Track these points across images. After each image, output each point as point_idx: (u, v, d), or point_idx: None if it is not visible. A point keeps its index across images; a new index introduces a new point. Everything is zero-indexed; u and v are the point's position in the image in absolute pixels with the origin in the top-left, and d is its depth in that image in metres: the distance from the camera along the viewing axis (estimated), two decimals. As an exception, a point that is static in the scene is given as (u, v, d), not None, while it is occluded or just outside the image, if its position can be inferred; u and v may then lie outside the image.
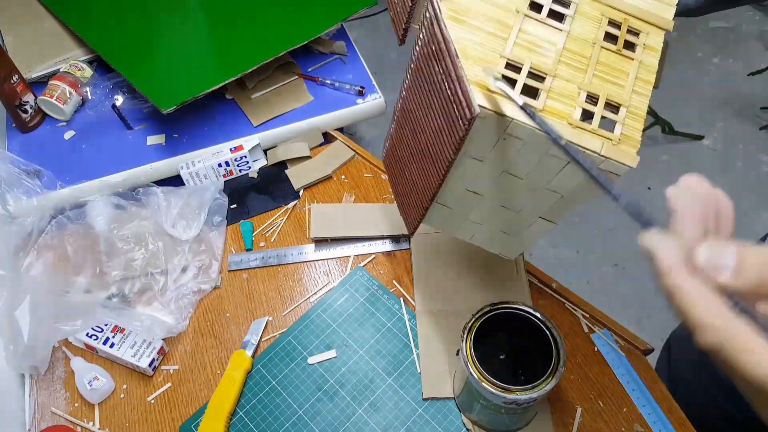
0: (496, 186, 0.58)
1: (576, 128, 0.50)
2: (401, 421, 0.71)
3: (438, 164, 0.55)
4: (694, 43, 2.33)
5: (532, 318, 0.63)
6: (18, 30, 1.13)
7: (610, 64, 0.53)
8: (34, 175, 0.90)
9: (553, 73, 0.52)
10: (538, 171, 0.55)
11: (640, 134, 0.51)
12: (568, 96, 0.51)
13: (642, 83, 0.53)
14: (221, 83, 0.94)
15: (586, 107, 0.51)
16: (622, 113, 0.52)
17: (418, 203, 0.64)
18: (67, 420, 0.74)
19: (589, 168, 0.40)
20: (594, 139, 0.50)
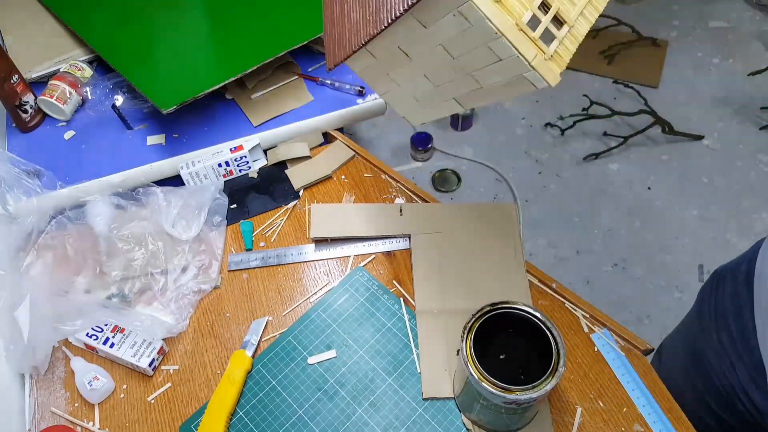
0: (427, 55, 0.59)
1: (520, 31, 0.51)
2: (401, 421, 0.71)
3: (383, 13, 0.55)
4: (694, 43, 2.33)
5: (532, 318, 0.63)
6: (18, 30, 1.13)
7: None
8: (34, 175, 0.90)
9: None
10: (471, 56, 0.56)
11: (570, 56, 0.53)
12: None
13: (592, 9, 0.54)
14: (221, 83, 0.94)
15: (536, 13, 0.52)
16: (563, 31, 0.53)
17: (346, 43, 0.63)
18: (67, 420, 0.74)
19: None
20: (530, 48, 0.51)
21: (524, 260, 0.82)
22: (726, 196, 1.88)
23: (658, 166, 1.98)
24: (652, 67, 2.23)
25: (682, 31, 2.37)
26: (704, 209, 1.85)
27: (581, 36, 0.54)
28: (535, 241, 1.81)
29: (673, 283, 1.70)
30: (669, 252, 1.77)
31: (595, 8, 0.55)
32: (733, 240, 1.76)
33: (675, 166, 1.98)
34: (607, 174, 1.98)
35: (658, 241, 1.80)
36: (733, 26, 2.39)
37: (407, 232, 0.86)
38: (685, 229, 1.81)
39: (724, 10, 2.45)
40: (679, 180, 1.94)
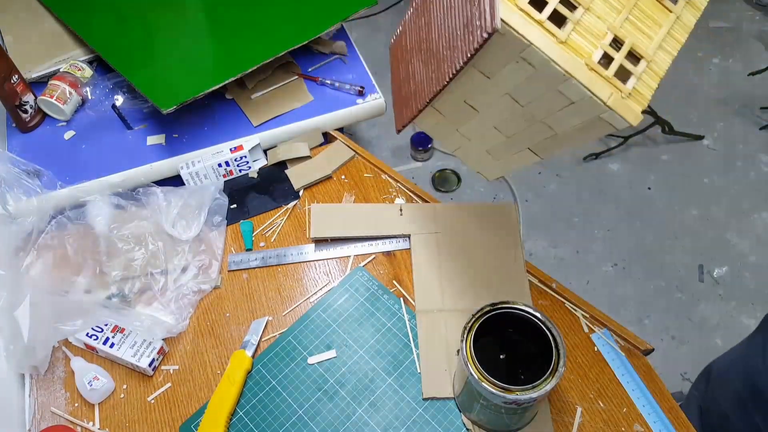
0: (494, 106, 0.57)
1: (591, 71, 0.49)
2: (401, 421, 0.71)
3: (445, 68, 0.54)
4: (694, 43, 2.33)
5: (532, 318, 0.63)
6: (18, 30, 1.13)
7: (647, 11, 0.51)
8: (34, 175, 0.90)
9: (587, 5, 0.50)
10: (540, 102, 0.54)
11: (652, 92, 0.50)
12: (594, 34, 0.50)
13: (672, 41, 0.52)
14: (221, 83, 0.94)
15: (608, 51, 0.50)
16: (641, 67, 0.50)
17: (413, 102, 0.62)
18: (67, 420, 0.74)
19: None
20: (605, 87, 0.48)
21: (524, 260, 0.82)
22: (726, 196, 1.87)
23: (658, 166, 1.98)
24: (652, 67, 2.23)
25: (682, 31, 2.37)
26: (704, 209, 1.85)
27: (663, 71, 0.51)
28: (535, 241, 1.81)
29: (673, 283, 1.70)
30: (669, 252, 1.77)
31: (676, 39, 0.52)
32: (733, 240, 1.76)
33: (675, 166, 1.98)
34: (607, 174, 1.98)
35: (658, 241, 1.80)
36: (733, 26, 2.39)
37: (407, 232, 0.86)
38: (685, 229, 1.81)
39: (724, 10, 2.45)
40: (679, 180, 1.94)
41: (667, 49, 0.52)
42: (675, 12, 0.52)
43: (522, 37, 0.48)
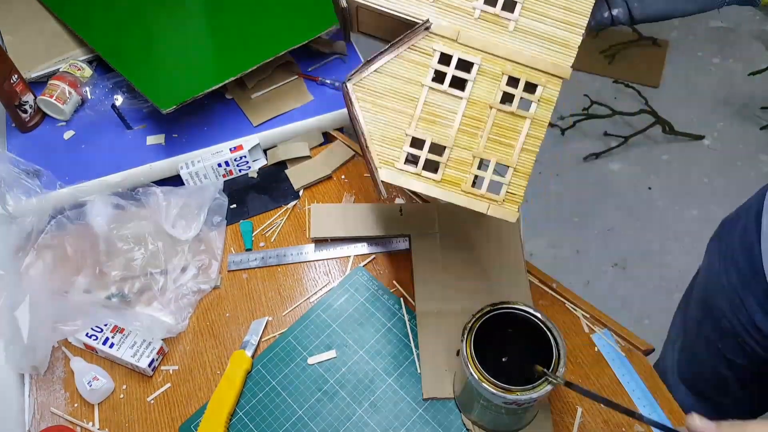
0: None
1: (467, 195, 0.58)
2: (401, 422, 0.71)
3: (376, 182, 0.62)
4: (694, 43, 2.33)
5: (532, 318, 0.63)
6: (18, 30, 1.13)
7: (505, 125, 0.58)
8: (33, 175, 0.90)
9: (451, 144, 0.58)
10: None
11: (524, 190, 0.59)
12: (463, 163, 0.58)
13: (532, 140, 0.59)
14: (221, 83, 0.94)
15: (477, 173, 0.58)
16: (509, 175, 0.59)
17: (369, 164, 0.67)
18: (66, 420, 0.74)
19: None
20: (481, 203, 0.58)
21: (524, 260, 0.82)
22: (726, 196, 1.87)
23: (659, 166, 1.98)
24: (652, 67, 2.23)
25: (682, 31, 2.37)
26: (704, 209, 1.85)
27: (529, 167, 0.59)
28: (535, 241, 1.81)
29: (673, 283, 1.70)
30: (669, 252, 1.77)
31: (536, 137, 0.58)
32: (733, 240, 1.76)
33: (675, 166, 1.98)
34: (608, 174, 1.98)
35: (658, 241, 1.80)
36: (733, 26, 2.39)
37: (407, 232, 0.86)
38: (685, 229, 1.81)
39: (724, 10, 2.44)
40: (679, 180, 1.94)
41: (528, 149, 0.59)
42: (529, 116, 0.58)
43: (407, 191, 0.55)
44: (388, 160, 0.58)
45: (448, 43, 0.57)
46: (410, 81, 0.58)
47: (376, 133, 0.58)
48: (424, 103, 0.58)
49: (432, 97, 0.58)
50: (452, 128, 0.58)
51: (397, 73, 0.58)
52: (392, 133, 0.58)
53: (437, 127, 0.58)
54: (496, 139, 0.58)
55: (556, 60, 0.57)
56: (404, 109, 0.58)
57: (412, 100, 0.58)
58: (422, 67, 0.57)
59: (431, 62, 0.57)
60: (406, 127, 0.58)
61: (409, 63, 0.57)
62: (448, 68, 0.57)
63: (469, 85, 0.58)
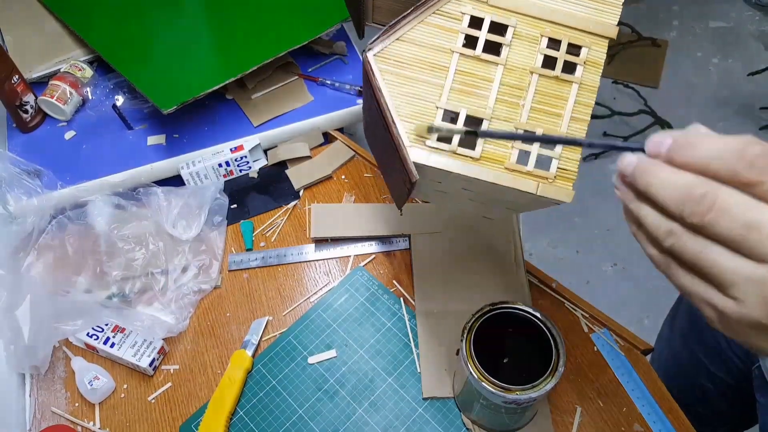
0: (458, 194, 0.61)
1: (512, 173, 0.52)
2: (401, 421, 0.71)
3: (403, 179, 0.56)
4: (694, 43, 2.33)
5: (532, 318, 0.63)
6: (18, 30, 1.13)
7: (549, 92, 0.53)
8: (34, 175, 0.90)
9: (489, 116, 0.52)
10: (490, 197, 0.58)
11: (577, 164, 0.52)
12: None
13: (582, 107, 0.53)
14: (221, 83, 0.94)
15: (522, 147, 0.52)
16: (558, 149, 0.52)
17: (399, 190, 0.64)
18: (67, 420, 0.74)
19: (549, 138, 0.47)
20: (529, 182, 0.51)
21: (524, 260, 0.82)
22: (726, 196, 1.87)
23: (658, 166, 1.98)
24: (652, 67, 2.23)
25: (682, 31, 2.37)
26: (704, 209, 1.85)
27: (581, 137, 0.52)
28: (535, 241, 1.81)
29: (673, 283, 1.70)
30: (669, 252, 1.77)
31: (585, 104, 0.53)
32: (733, 240, 1.76)
33: (675, 166, 1.97)
34: (607, 174, 1.97)
35: (658, 241, 1.80)
36: (733, 26, 2.39)
37: (407, 232, 0.86)
38: (685, 229, 1.81)
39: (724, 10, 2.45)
40: (679, 180, 1.94)
41: (578, 117, 0.53)
42: (575, 80, 0.53)
43: (441, 170, 0.51)
44: (419, 136, 0.52)
45: (478, 5, 0.52)
46: (438, 48, 0.52)
47: (403, 108, 0.52)
48: (455, 72, 0.52)
49: (464, 64, 0.52)
50: (489, 98, 0.52)
51: (423, 41, 0.52)
52: (421, 107, 0.52)
53: (472, 97, 0.52)
54: (541, 108, 0.52)
55: (599, 18, 0.52)
56: (433, 79, 0.52)
57: (442, 70, 0.52)
58: (450, 32, 0.52)
59: (460, 27, 0.52)
60: (436, 99, 0.52)
61: (436, 28, 0.52)
62: (480, 32, 0.52)
63: (505, 50, 0.52)
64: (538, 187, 0.51)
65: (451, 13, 0.52)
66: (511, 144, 0.52)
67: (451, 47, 0.52)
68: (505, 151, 0.52)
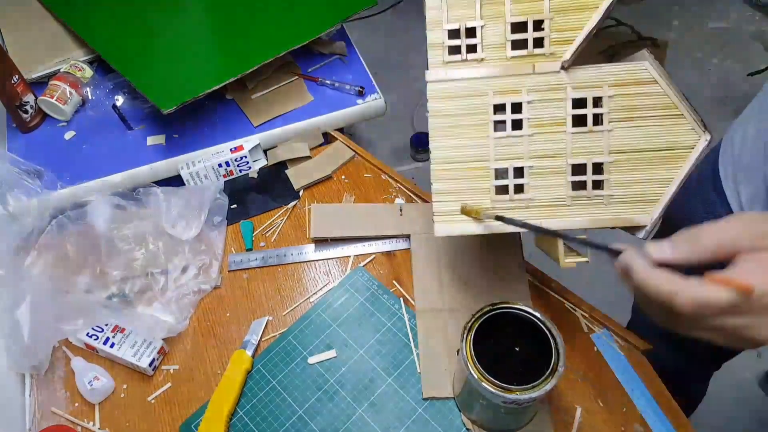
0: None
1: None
2: (401, 421, 0.71)
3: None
4: (693, 44, 2.33)
5: (532, 318, 0.63)
6: (18, 30, 1.13)
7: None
8: (34, 175, 0.90)
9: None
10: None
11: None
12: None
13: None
14: (221, 83, 0.94)
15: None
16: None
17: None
18: (67, 420, 0.74)
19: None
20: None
21: (524, 260, 0.82)
22: (726, 197, 1.87)
23: (658, 166, 1.98)
24: (651, 67, 2.23)
25: (682, 31, 2.37)
26: (704, 209, 1.85)
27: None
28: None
29: (673, 283, 1.70)
30: (669, 252, 1.77)
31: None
32: (732, 240, 1.76)
33: (675, 166, 1.97)
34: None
35: (658, 241, 1.80)
36: (733, 26, 2.39)
37: (407, 232, 0.86)
38: (684, 229, 1.81)
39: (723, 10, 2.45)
40: (679, 180, 1.94)
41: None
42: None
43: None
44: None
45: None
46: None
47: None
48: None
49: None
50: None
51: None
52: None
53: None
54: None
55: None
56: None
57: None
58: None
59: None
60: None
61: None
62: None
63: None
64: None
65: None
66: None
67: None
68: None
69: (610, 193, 0.60)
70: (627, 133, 0.59)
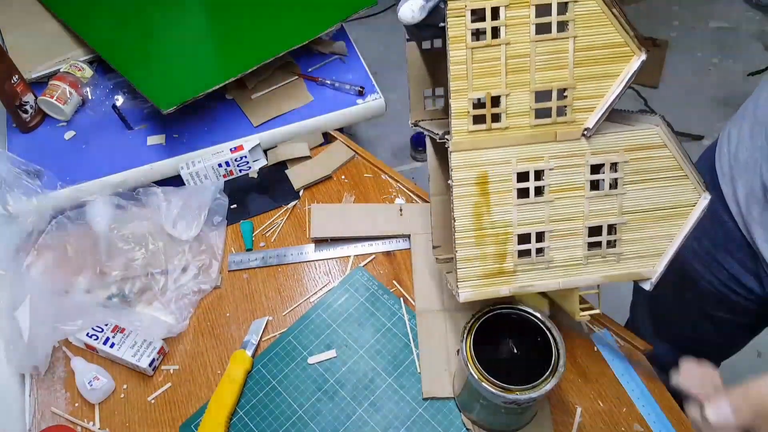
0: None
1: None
2: (401, 421, 0.71)
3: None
4: (694, 44, 2.33)
5: (532, 318, 0.63)
6: (18, 30, 1.13)
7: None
8: (34, 175, 0.90)
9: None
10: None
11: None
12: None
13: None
14: (221, 83, 0.94)
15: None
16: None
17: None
18: (67, 420, 0.74)
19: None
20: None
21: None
22: (726, 196, 1.87)
23: (658, 166, 1.98)
24: (652, 67, 2.23)
25: (682, 31, 2.37)
26: (704, 209, 1.85)
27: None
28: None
29: (673, 283, 1.70)
30: (669, 252, 1.77)
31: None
32: (733, 240, 1.76)
33: (675, 166, 1.97)
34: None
35: (658, 241, 1.80)
36: (733, 26, 2.39)
37: (407, 232, 0.86)
38: (685, 229, 1.81)
39: (724, 10, 2.45)
40: (679, 180, 1.94)
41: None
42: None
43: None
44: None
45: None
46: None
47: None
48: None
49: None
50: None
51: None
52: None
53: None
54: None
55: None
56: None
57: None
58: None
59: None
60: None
61: None
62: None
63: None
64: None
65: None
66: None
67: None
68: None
69: (621, 251, 0.62)
70: (638, 194, 0.61)
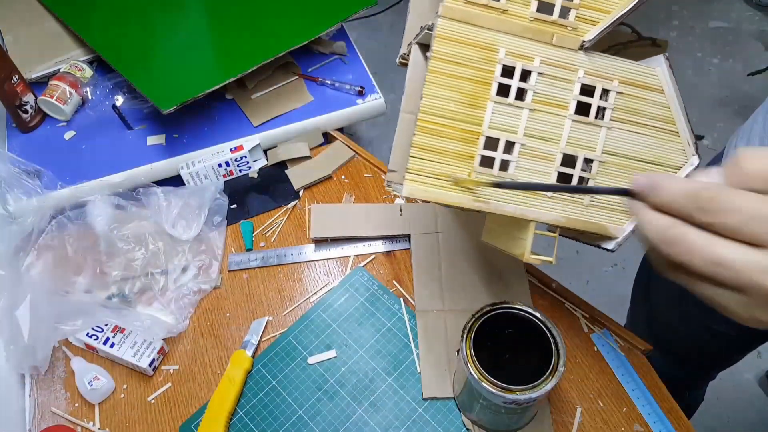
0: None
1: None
2: (401, 421, 0.71)
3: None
4: (694, 44, 2.33)
5: (532, 318, 0.63)
6: (18, 30, 1.13)
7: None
8: (34, 175, 0.90)
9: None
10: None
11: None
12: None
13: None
14: (221, 83, 0.94)
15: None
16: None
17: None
18: (67, 420, 0.74)
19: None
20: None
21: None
22: (726, 196, 1.87)
23: (658, 166, 1.98)
24: (652, 67, 2.23)
25: (682, 31, 2.37)
26: (704, 209, 1.85)
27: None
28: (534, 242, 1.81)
29: (673, 283, 1.70)
30: (669, 252, 1.77)
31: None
32: (733, 240, 1.76)
33: (675, 166, 1.97)
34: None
35: (658, 241, 1.80)
36: (733, 26, 2.39)
37: (407, 232, 0.86)
38: (685, 229, 1.81)
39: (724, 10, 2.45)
40: (679, 180, 1.94)
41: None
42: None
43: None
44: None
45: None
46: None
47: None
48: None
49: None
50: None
51: None
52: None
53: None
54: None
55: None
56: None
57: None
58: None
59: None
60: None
61: None
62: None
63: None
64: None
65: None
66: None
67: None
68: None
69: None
70: (623, 135, 0.56)
